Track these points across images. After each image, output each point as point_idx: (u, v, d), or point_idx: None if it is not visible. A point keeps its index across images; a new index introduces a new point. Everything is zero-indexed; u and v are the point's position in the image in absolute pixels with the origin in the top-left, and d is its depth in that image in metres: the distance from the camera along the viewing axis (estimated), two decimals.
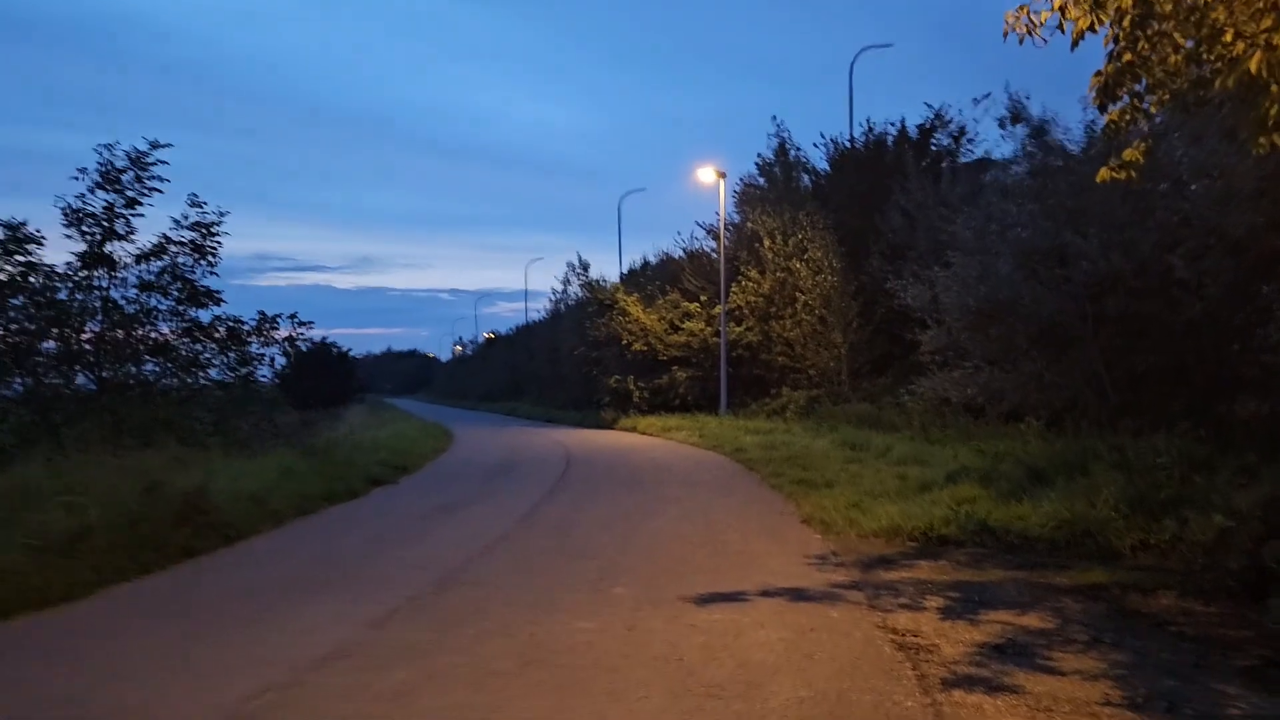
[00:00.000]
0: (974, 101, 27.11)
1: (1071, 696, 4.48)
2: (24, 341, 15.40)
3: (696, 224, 52.52)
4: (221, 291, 17.41)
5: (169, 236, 16.99)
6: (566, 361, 37.64)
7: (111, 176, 16.21)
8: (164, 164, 16.51)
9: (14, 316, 15.37)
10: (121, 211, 16.35)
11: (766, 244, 26.35)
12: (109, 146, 16.19)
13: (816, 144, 34.78)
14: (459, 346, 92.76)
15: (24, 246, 15.60)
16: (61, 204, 16.06)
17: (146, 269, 16.81)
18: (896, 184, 22.52)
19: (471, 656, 5.25)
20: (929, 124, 27.01)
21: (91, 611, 6.63)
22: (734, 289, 27.30)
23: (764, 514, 10.61)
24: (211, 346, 17.25)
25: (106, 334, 16.17)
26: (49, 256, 16.05)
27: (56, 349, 15.78)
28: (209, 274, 17.33)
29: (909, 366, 19.66)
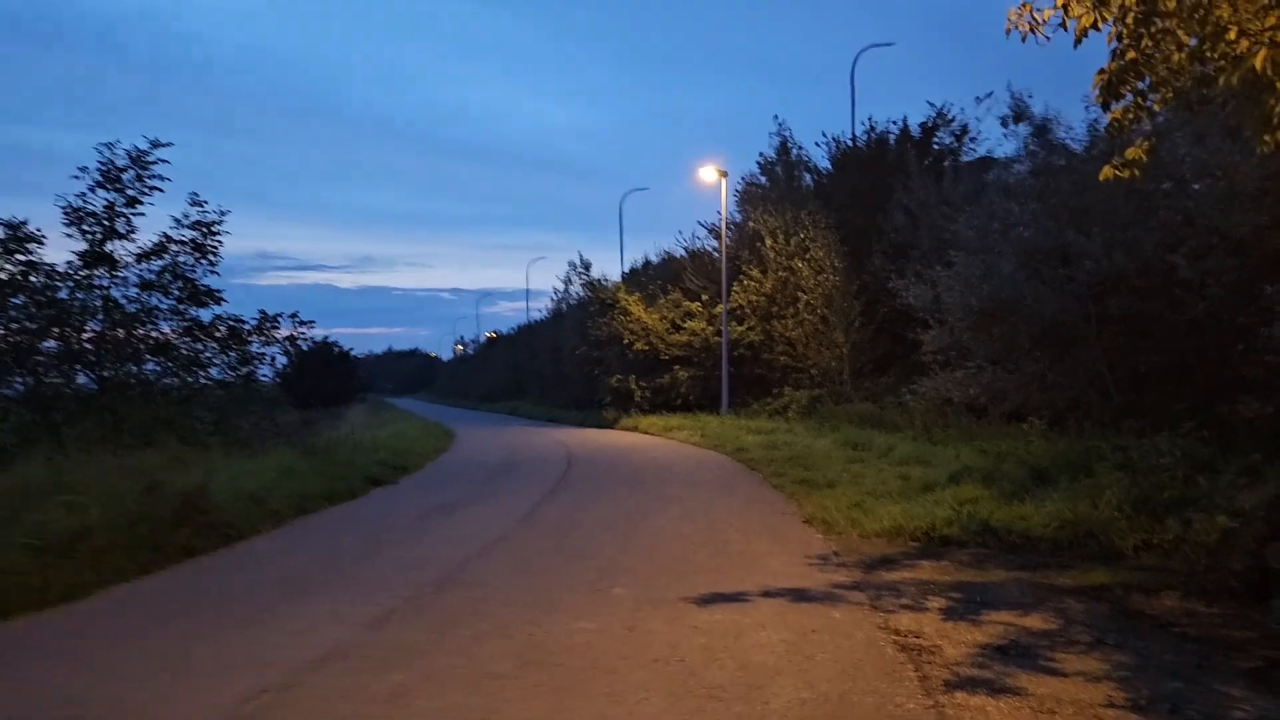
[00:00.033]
0: (976, 100, 27.15)
1: (1074, 698, 4.44)
2: (25, 341, 15.40)
3: (698, 223, 52.54)
4: (222, 291, 17.48)
5: (170, 235, 17.04)
6: (568, 361, 37.63)
7: (112, 175, 16.24)
8: (165, 163, 16.59)
9: (15, 316, 15.38)
10: (122, 210, 16.39)
11: (768, 243, 26.30)
12: (110, 145, 16.24)
13: (818, 143, 34.91)
14: (460, 346, 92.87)
15: (24, 245, 15.62)
16: (62, 203, 16.11)
17: (147, 268, 16.86)
18: (899, 183, 22.47)
19: (469, 658, 5.22)
20: (931, 122, 26.95)
21: (91, 612, 6.61)
22: (736, 288, 27.27)
23: (766, 514, 10.58)
24: (212, 346, 17.27)
25: (107, 333, 16.17)
26: (50, 255, 16.08)
27: (57, 348, 15.78)
28: (210, 273, 17.41)
29: (911, 366, 19.63)
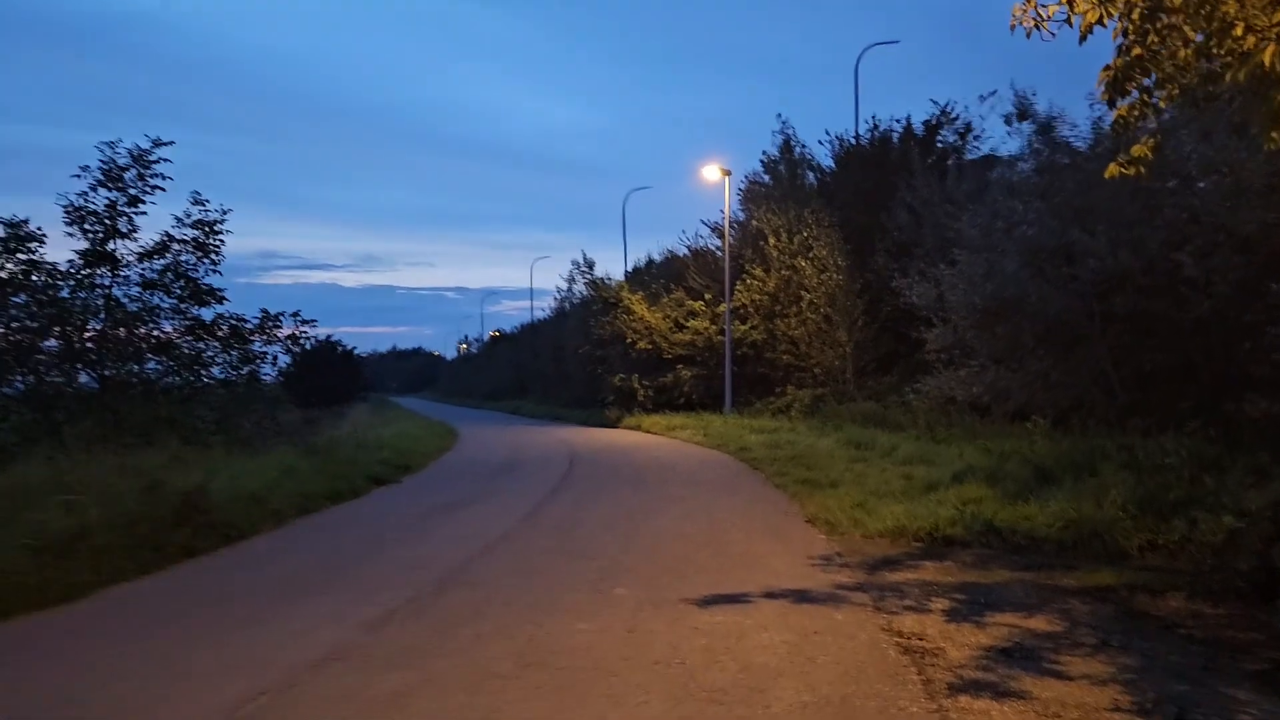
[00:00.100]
0: (980, 98, 27.05)
1: (1080, 702, 4.40)
2: (26, 340, 15.41)
3: (701, 222, 52.18)
4: (225, 290, 17.50)
5: (171, 234, 17.04)
6: (571, 360, 37.60)
7: (114, 174, 16.26)
8: (167, 161, 16.62)
9: (16, 315, 15.40)
10: (124, 209, 16.42)
11: (771, 242, 26.25)
12: (111, 144, 16.26)
13: (822, 141, 34.85)
14: (464, 345, 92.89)
15: (26, 244, 15.64)
16: (64, 202, 16.12)
17: (149, 267, 16.88)
18: (902, 181, 22.40)
19: (469, 659, 5.18)
20: (935, 120, 26.85)
21: (90, 612, 6.59)
22: (739, 287, 27.21)
23: (768, 514, 10.53)
24: (214, 345, 17.28)
25: (109, 332, 16.17)
26: (51, 254, 16.10)
27: (59, 347, 15.80)
28: (212, 272, 17.44)
29: (914, 365, 19.57)
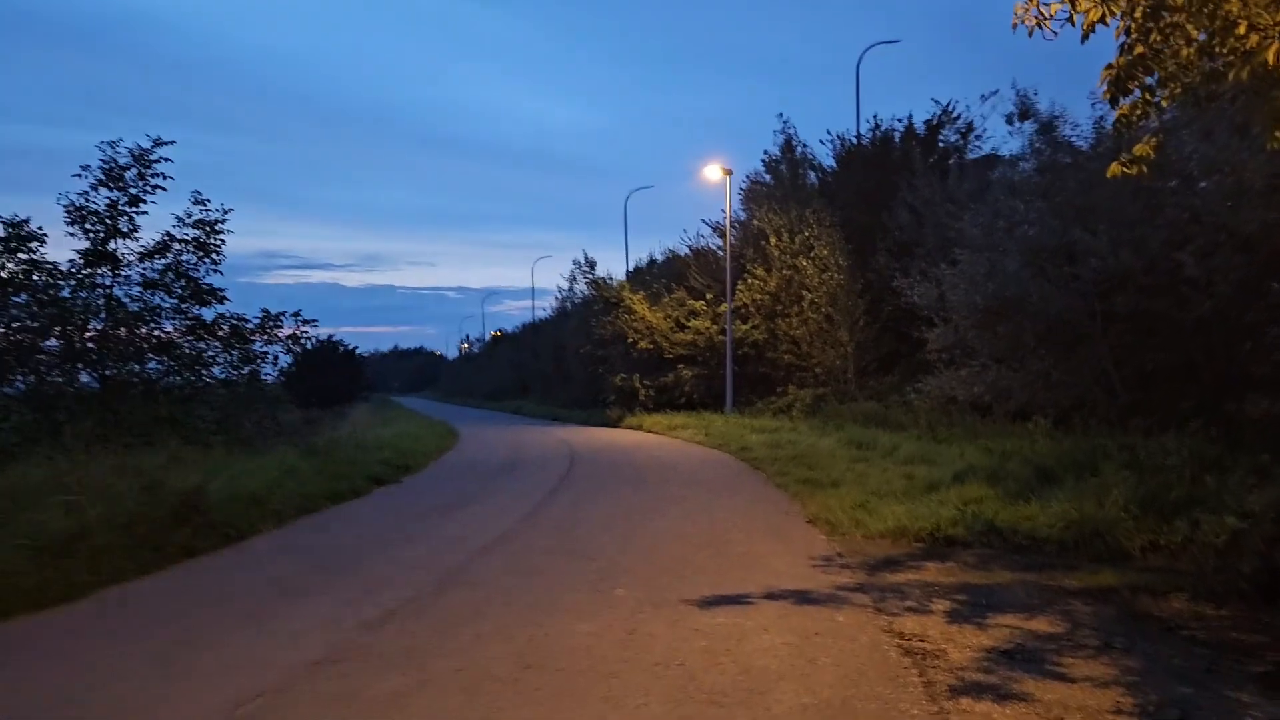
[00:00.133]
0: (981, 98, 27.02)
1: (1082, 705, 4.37)
2: (27, 339, 15.39)
3: (703, 222, 52.19)
4: (226, 290, 17.49)
5: (172, 234, 17.03)
6: (572, 360, 37.58)
7: (115, 174, 16.25)
8: (168, 161, 16.61)
9: (16, 314, 15.38)
10: (125, 209, 16.41)
11: (773, 241, 26.21)
12: (112, 144, 16.25)
13: (823, 141, 34.82)
14: (465, 345, 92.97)
15: (27, 244, 15.63)
16: (65, 201, 16.10)
17: (150, 266, 16.86)
18: (903, 181, 22.37)
19: (468, 661, 5.16)
20: (936, 120, 26.80)
21: (89, 613, 6.57)
22: (740, 287, 27.18)
23: (769, 514, 10.50)
24: (215, 344, 17.27)
25: (109, 332, 16.15)
26: (52, 254, 16.09)
27: (59, 347, 15.78)
28: (213, 271, 17.42)
29: (916, 365, 19.54)
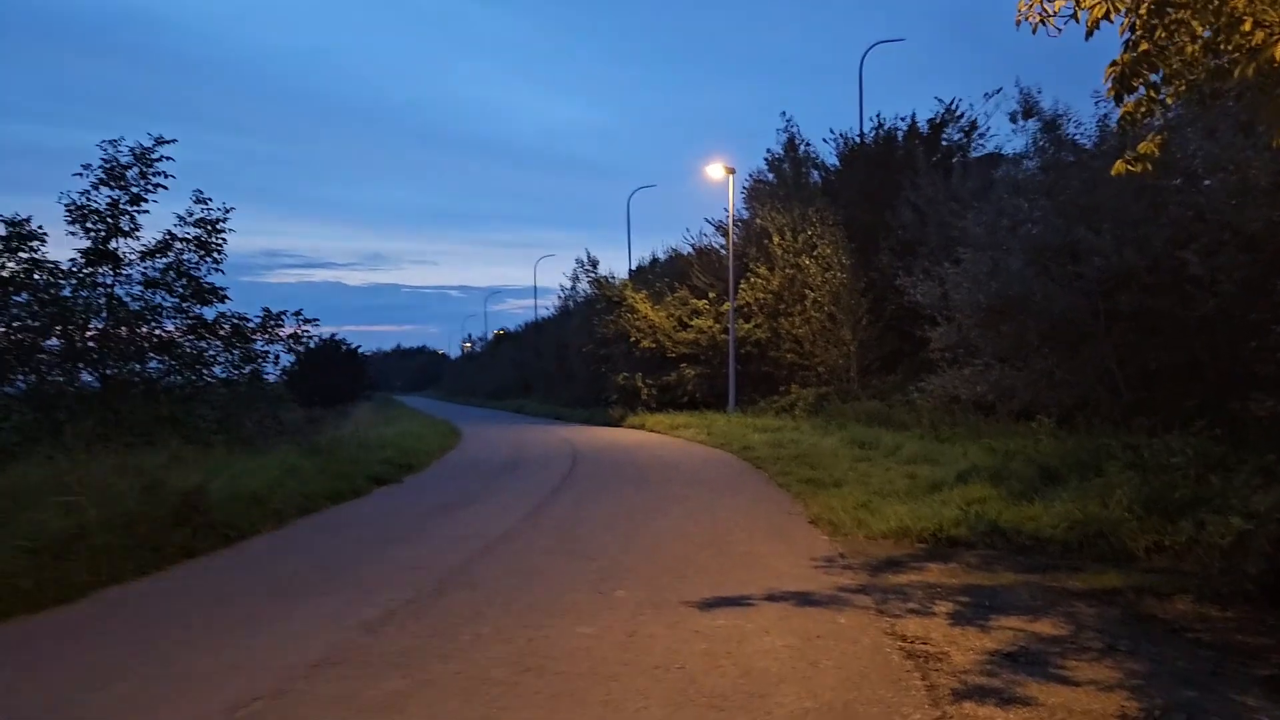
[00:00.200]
0: (985, 96, 26.95)
1: (1086, 708, 4.32)
2: (28, 339, 15.38)
3: (705, 220, 52.39)
4: (227, 289, 17.47)
5: (174, 233, 17.01)
6: (575, 359, 37.56)
7: (116, 173, 16.23)
8: (169, 160, 16.59)
9: (17, 314, 15.37)
10: (126, 208, 16.38)
11: (776, 240, 26.16)
12: (113, 143, 16.24)
13: (826, 139, 34.67)
14: (468, 344, 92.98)
15: (27, 243, 15.61)
16: (66, 200, 16.09)
17: (151, 265, 16.85)
18: (907, 179, 22.32)
19: (467, 663, 5.12)
20: (939, 118, 26.75)
21: (89, 613, 6.54)
22: (743, 286, 27.13)
23: (771, 514, 10.46)
24: (216, 344, 17.25)
25: (110, 331, 16.14)
26: (53, 253, 16.09)
27: (60, 346, 15.76)
28: (214, 270, 17.40)
29: (919, 364, 19.49)
